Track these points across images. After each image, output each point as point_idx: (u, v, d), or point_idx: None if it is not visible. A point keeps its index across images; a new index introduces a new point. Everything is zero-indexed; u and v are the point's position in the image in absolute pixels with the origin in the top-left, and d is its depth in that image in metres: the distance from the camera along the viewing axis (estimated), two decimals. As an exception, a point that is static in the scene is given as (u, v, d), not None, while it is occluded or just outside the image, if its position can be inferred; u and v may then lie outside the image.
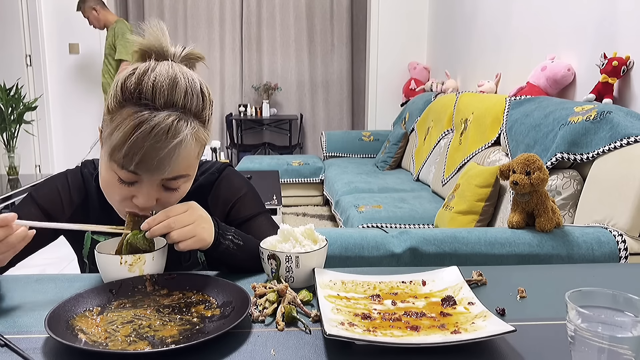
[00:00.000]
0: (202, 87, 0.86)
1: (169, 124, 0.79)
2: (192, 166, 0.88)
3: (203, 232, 0.86)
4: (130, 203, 0.87)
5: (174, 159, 0.81)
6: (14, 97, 4.02)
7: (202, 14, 5.74)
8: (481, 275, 0.91)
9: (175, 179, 0.85)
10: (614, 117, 1.68)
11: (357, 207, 2.88)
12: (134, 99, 0.80)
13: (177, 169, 0.84)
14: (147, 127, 0.78)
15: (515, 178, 1.36)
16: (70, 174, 1.04)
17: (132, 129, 0.78)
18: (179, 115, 0.81)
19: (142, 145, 0.78)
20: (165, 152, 0.79)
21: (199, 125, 0.85)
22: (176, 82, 0.82)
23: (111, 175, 0.85)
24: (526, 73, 2.84)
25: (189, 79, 0.84)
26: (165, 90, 0.81)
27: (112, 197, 0.89)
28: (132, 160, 0.79)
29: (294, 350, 0.67)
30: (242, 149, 5.83)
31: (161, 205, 0.88)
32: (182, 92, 0.82)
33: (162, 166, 0.80)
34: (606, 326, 0.55)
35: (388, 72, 4.97)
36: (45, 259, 2.86)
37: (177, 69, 0.84)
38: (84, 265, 1.03)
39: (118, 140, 0.79)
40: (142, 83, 0.81)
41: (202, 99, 0.85)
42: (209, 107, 0.87)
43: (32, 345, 0.68)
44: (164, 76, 0.81)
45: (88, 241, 1.01)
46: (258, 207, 1.07)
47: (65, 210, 1.00)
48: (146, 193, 0.85)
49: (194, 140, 0.84)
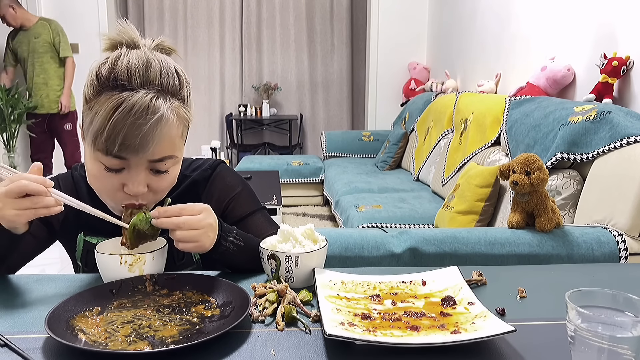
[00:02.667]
0: (176, 68, 0.88)
1: (147, 100, 0.80)
2: (177, 147, 0.88)
3: (206, 240, 0.86)
4: (122, 194, 0.87)
5: (157, 135, 0.81)
6: (14, 97, 4.02)
7: (202, 14, 5.75)
8: (481, 275, 0.91)
9: (162, 160, 0.86)
10: (613, 117, 1.68)
11: (357, 207, 2.88)
12: (110, 84, 0.82)
13: (162, 148, 0.84)
14: (126, 106, 0.79)
15: (515, 178, 1.36)
16: (61, 178, 1.04)
17: (112, 110, 0.79)
18: (156, 93, 0.82)
19: (123, 125, 0.79)
20: (147, 129, 0.80)
21: (179, 102, 0.86)
22: (150, 63, 0.84)
23: (97, 166, 0.85)
24: (526, 73, 2.85)
25: (162, 61, 0.86)
26: (140, 71, 0.82)
27: (102, 191, 0.89)
28: (115, 142, 0.80)
29: (294, 350, 0.67)
30: (242, 149, 5.84)
31: (153, 192, 0.88)
32: (157, 72, 0.84)
33: (145, 144, 0.81)
34: (606, 326, 0.55)
35: (388, 72, 4.97)
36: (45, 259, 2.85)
37: (149, 53, 0.86)
38: (78, 268, 1.03)
39: (99, 125, 0.80)
40: (117, 67, 0.82)
41: (177, 78, 0.87)
42: (185, 86, 0.89)
43: (32, 345, 0.68)
44: (137, 59, 0.83)
45: (81, 243, 1.01)
46: (254, 205, 1.07)
47: (58, 213, 1.00)
48: (135, 178, 0.85)
49: (175, 117, 0.85)
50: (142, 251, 0.87)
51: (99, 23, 4.72)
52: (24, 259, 0.98)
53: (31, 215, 0.78)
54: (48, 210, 0.78)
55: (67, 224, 1.01)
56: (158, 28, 5.73)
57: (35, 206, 0.77)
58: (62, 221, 1.01)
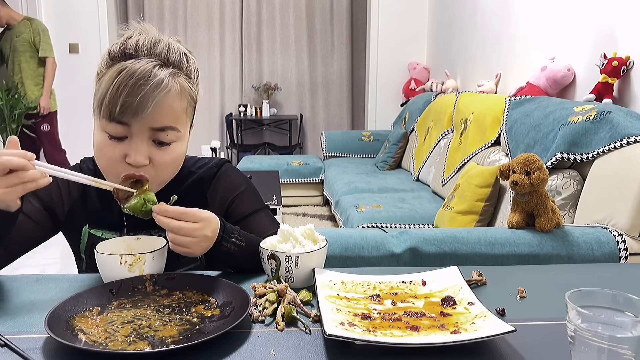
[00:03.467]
0: (185, 51, 0.93)
1: (150, 67, 0.84)
2: (180, 120, 0.90)
3: (197, 250, 0.86)
4: (123, 164, 0.87)
5: (156, 98, 0.84)
6: (14, 97, 4.02)
7: (202, 14, 5.74)
8: (481, 275, 0.91)
9: (163, 130, 0.87)
10: (613, 117, 1.68)
11: (357, 207, 2.88)
12: (118, 57, 0.87)
13: (163, 116, 0.86)
14: (129, 71, 0.83)
15: (515, 178, 1.36)
16: (69, 169, 1.04)
17: (116, 74, 0.83)
18: (160, 62, 0.87)
19: (125, 86, 0.82)
20: (146, 89, 0.83)
21: (184, 76, 0.90)
22: (159, 40, 0.89)
23: (102, 136, 0.87)
24: (526, 73, 2.85)
25: (172, 42, 0.91)
26: (148, 44, 0.88)
27: (104, 161, 0.89)
28: (117, 104, 0.83)
29: (294, 350, 0.67)
30: (242, 149, 5.83)
31: (155, 167, 0.89)
32: (165, 48, 0.89)
33: (144, 105, 0.83)
34: (606, 326, 0.55)
35: (388, 72, 4.97)
36: (45, 259, 2.85)
37: (162, 37, 0.91)
38: (81, 261, 1.03)
39: (103, 90, 0.84)
40: (127, 43, 0.88)
41: (185, 58, 0.92)
42: (193, 65, 0.93)
43: (32, 345, 0.68)
44: (148, 37, 0.89)
45: (85, 235, 1.01)
46: (257, 204, 1.07)
47: (64, 203, 1.01)
48: (137, 148, 0.86)
49: (178, 87, 0.88)
50: (142, 251, 0.87)
51: (99, 23, 4.72)
52: (25, 244, 0.97)
53: (21, 191, 0.77)
54: (36, 184, 0.77)
55: (73, 216, 1.01)
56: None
57: (22, 181, 0.76)
58: (68, 213, 1.01)
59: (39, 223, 0.97)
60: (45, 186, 0.97)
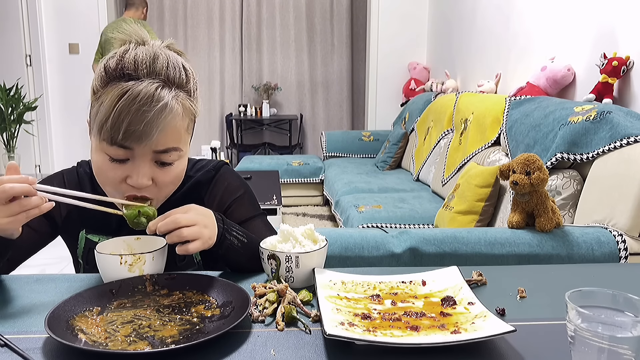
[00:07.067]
0: (183, 64, 0.89)
1: (152, 89, 0.81)
2: (182, 139, 0.88)
3: (207, 232, 0.86)
4: (125, 186, 0.87)
5: (161, 123, 0.82)
6: (14, 97, 4.02)
7: (202, 14, 5.75)
8: (481, 275, 0.91)
9: (166, 151, 0.86)
10: (613, 117, 1.68)
11: (357, 207, 2.88)
12: (117, 74, 0.83)
13: (166, 138, 0.84)
14: (131, 94, 0.80)
15: (515, 178, 1.36)
16: (66, 173, 1.04)
17: (117, 98, 0.80)
18: (161, 83, 0.83)
19: (128, 112, 0.80)
20: (151, 116, 0.80)
21: (185, 94, 0.87)
22: (157, 56, 0.85)
23: (102, 157, 0.85)
24: (526, 73, 2.85)
25: (169, 55, 0.87)
26: (147, 62, 0.84)
27: (106, 182, 0.88)
28: (120, 130, 0.80)
29: (294, 350, 0.67)
30: (242, 149, 5.84)
31: (157, 186, 0.88)
32: (164, 64, 0.85)
33: (149, 131, 0.81)
34: (606, 326, 0.55)
35: (388, 72, 4.97)
36: (45, 259, 2.84)
37: (157, 48, 0.87)
38: (79, 266, 1.03)
39: (104, 113, 0.81)
40: (124, 59, 0.84)
41: (184, 73, 0.88)
42: (192, 81, 0.90)
43: (32, 345, 0.68)
44: (145, 52, 0.85)
45: (82, 241, 1.01)
46: (254, 210, 1.07)
47: (61, 208, 1.00)
48: (139, 170, 0.85)
49: (181, 108, 0.85)
50: (142, 251, 0.87)
51: (99, 23, 4.72)
52: (24, 254, 0.97)
53: (24, 219, 0.76)
54: (39, 210, 0.77)
55: (69, 221, 1.01)
56: (158, 28, 5.73)
57: (25, 209, 0.75)
58: (65, 217, 1.01)
59: (37, 230, 0.97)
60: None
